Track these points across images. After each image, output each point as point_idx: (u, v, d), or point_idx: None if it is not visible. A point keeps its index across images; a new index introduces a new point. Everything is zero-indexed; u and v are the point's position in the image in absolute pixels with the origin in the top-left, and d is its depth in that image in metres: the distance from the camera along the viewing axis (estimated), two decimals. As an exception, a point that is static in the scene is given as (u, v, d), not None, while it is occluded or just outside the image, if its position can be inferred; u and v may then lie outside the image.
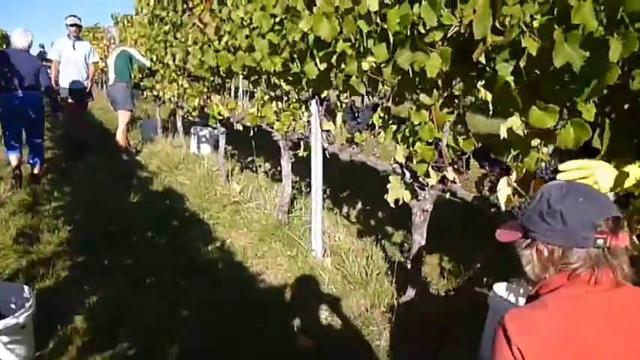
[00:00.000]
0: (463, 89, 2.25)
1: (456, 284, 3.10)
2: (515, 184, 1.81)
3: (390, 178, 2.59)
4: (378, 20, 2.25)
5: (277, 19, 3.34)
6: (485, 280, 3.05)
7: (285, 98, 3.72)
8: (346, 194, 5.01)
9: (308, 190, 4.92)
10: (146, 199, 5.03)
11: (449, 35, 2.05)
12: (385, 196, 2.56)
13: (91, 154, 6.79)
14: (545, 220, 1.03)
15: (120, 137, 6.82)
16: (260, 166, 5.68)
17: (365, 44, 2.33)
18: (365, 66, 2.30)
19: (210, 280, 3.22)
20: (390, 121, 2.70)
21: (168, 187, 5.47)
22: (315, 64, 2.86)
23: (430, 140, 2.29)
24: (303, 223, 4.11)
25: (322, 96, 3.14)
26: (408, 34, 2.08)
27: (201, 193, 5.03)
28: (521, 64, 1.70)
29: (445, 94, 2.26)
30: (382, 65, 2.32)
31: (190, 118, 5.89)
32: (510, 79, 1.69)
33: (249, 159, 6.21)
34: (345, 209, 4.57)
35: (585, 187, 1.13)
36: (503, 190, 1.83)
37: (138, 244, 3.88)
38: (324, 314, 2.82)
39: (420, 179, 2.49)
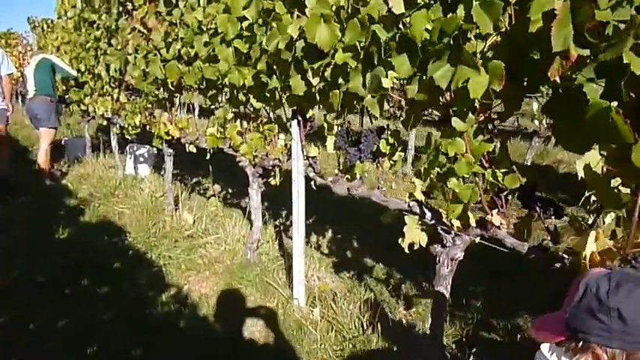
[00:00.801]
0: (504, 112, 1.84)
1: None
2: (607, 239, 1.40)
3: (406, 218, 2.12)
4: (401, 26, 1.79)
5: (245, 24, 2.80)
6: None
7: (254, 116, 3.16)
8: (313, 220, 4.51)
9: (276, 218, 4.37)
10: (78, 234, 4.23)
11: (490, 44, 1.64)
12: (389, 236, 2.09)
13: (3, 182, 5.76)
14: (598, 318, 0.90)
15: (42, 159, 5.86)
16: (220, 191, 5.04)
17: (382, 54, 1.85)
18: (386, 82, 1.83)
19: (165, 344, 2.57)
20: (399, 148, 2.24)
21: (105, 218, 4.68)
22: (303, 78, 2.35)
23: (467, 176, 1.85)
24: (273, 260, 3.55)
25: (307, 116, 2.63)
26: (451, 42, 1.64)
27: (146, 226, 4.30)
28: (618, 84, 1.30)
29: (481, 118, 1.84)
30: (401, 80, 1.86)
31: (128, 136, 5.12)
32: (613, 104, 1.28)
33: (205, 185, 5.55)
34: (321, 240, 4.06)
35: (638, 274, 0.98)
36: (591, 245, 1.41)
37: (72, 297, 3.14)
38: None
39: (444, 220, 2.04)
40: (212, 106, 3.59)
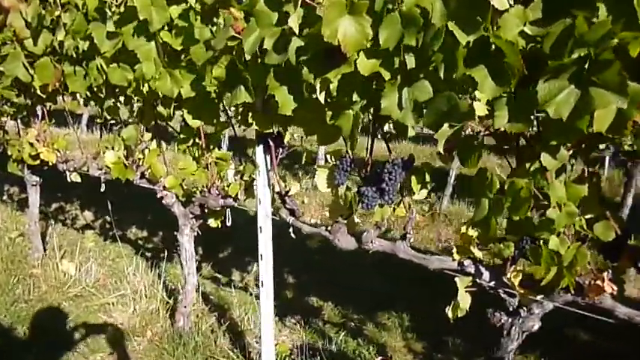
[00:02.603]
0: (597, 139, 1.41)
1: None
2: None
3: (457, 280, 1.57)
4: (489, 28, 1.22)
5: (178, 11, 1.98)
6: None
7: (200, 143, 2.31)
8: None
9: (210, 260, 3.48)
10: None
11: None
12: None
13: None
14: None
15: None
16: (94, 220, 3.91)
17: (455, 65, 1.26)
18: (480, 109, 1.24)
19: None
20: (431, 185, 1.68)
21: None
22: (292, 93, 1.65)
23: (562, 230, 1.37)
24: (213, 325, 2.72)
25: (284, 140, 1.92)
26: (575, 55, 1.12)
27: (6, 287, 3.08)
28: None
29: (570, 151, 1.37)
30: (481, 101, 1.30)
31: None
32: None
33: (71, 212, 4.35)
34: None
35: None
36: None
37: None
38: None
39: (505, 280, 1.54)
40: (111, 121, 2.63)
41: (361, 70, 1.44)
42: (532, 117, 1.26)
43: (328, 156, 1.82)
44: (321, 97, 1.53)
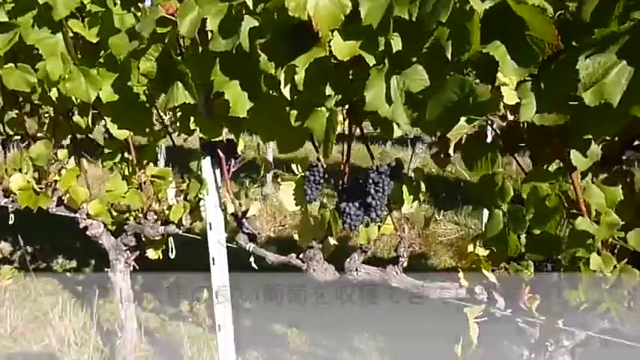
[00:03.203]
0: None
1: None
2: None
3: (466, 311, 1.28)
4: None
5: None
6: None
7: (103, 153, 1.88)
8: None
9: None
10: None
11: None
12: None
13: None
14: None
15: None
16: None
17: (467, 41, 0.96)
18: (510, 95, 0.93)
19: None
20: (424, 195, 1.37)
21: None
22: (246, 89, 1.29)
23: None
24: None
25: (238, 150, 1.55)
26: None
27: None
28: None
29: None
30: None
31: None
32: None
33: None
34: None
35: None
36: None
37: None
38: None
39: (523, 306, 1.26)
40: (15, 137, 2.14)
41: (338, 54, 1.11)
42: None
43: (294, 166, 1.47)
44: (286, 92, 1.18)
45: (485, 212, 3.98)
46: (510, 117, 1.02)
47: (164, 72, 1.36)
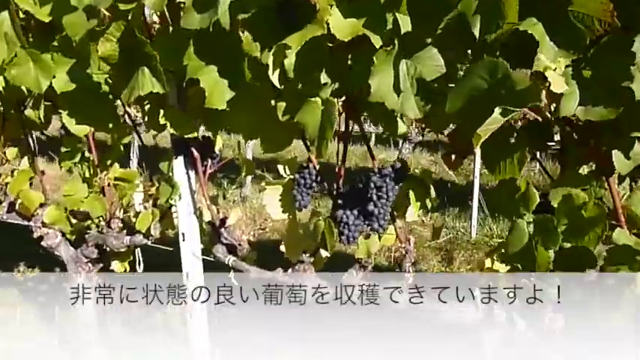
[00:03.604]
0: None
1: None
2: None
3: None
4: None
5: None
6: None
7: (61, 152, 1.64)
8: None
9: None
10: None
11: None
12: None
13: None
14: None
15: None
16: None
17: (500, 16, 0.78)
18: (557, 82, 0.76)
19: None
20: (432, 201, 1.20)
21: None
22: (225, 75, 1.08)
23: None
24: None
25: (215, 149, 1.34)
26: None
27: None
28: None
29: None
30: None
31: None
32: None
33: None
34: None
35: None
36: None
37: None
38: None
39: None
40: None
41: (337, 34, 0.92)
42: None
43: (281, 167, 1.28)
44: (275, 79, 0.98)
45: (475, 215, 3.81)
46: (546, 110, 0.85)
47: (127, 55, 1.15)
